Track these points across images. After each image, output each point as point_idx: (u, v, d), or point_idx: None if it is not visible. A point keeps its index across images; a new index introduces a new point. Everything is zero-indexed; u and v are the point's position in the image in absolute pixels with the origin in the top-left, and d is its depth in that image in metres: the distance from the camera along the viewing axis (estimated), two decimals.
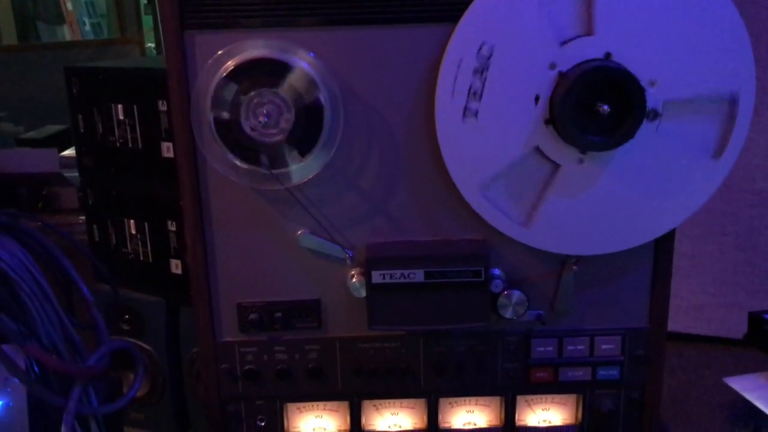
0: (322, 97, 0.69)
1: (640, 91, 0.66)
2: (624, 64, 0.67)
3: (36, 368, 0.69)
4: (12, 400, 0.70)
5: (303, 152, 0.71)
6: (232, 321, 0.79)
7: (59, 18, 3.15)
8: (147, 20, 2.98)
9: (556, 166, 0.72)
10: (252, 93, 0.68)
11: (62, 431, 0.66)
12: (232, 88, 0.69)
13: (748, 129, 0.70)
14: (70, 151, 1.55)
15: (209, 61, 0.69)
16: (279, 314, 0.78)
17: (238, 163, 0.71)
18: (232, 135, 0.69)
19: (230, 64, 0.68)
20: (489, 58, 0.69)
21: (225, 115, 0.69)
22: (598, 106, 0.67)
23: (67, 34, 3.14)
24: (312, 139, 0.71)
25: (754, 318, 0.88)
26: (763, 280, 1.41)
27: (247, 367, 0.80)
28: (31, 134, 2.18)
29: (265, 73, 0.69)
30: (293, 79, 0.69)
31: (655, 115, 0.69)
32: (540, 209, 0.73)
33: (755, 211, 1.43)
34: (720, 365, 1.48)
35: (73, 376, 0.69)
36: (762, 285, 1.42)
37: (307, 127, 0.70)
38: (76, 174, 1.16)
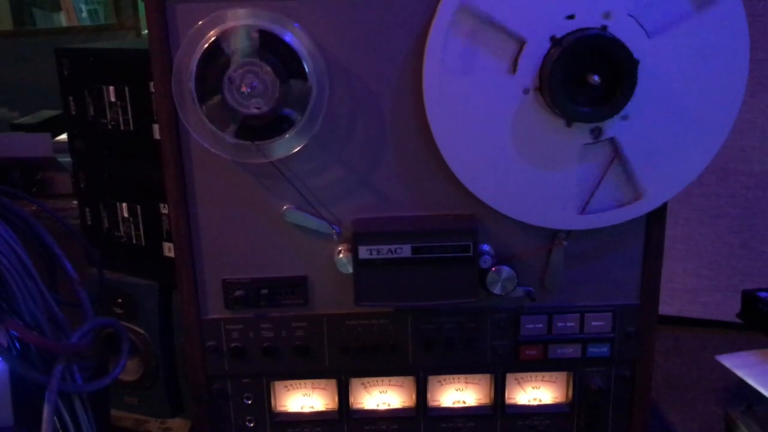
0: (308, 69, 0.68)
1: (632, 63, 0.65)
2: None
3: (18, 345, 0.68)
4: None
5: (286, 127, 0.70)
6: (218, 298, 0.78)
7: (55, 4, 3.13)
8: (143, 7, 2.96)
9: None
10: (242, 60, 0.67)
11: (45, 409, 0.65)
12: (215, 58, 0.67)
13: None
14: (64, 136, 1.54)
15: (191, 31, 0.68)
16: (265, 291, 0.77)
17: (220, 135, 0.69)
18: (214, 106, 0.68)
19: (212, 34, 0.67)
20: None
21: (207, 85, 0.67)
22: (589, 76, 0.66)
23: (63, 20, 3.11)
24: (289, 121, 0.69)
25: (748, 296, 0.88)
26: (759, 263, 1.41)
27: (233, 345, 0.79)
28: (26, 119, 2.17)
29: (259, 43, 0.67)
30: (277, 51, 0.67)
31: None
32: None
33: (751, 193, 1.42)
34: (715, 348, 1.47)
35: (55, 353, 0.68)
36: (758, 268, 1.41)
37: (292, 100, 0.69)
38: (70, 159, 1.15)
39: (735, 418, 0.83)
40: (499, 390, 0.81)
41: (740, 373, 0.83)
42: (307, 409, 0.83)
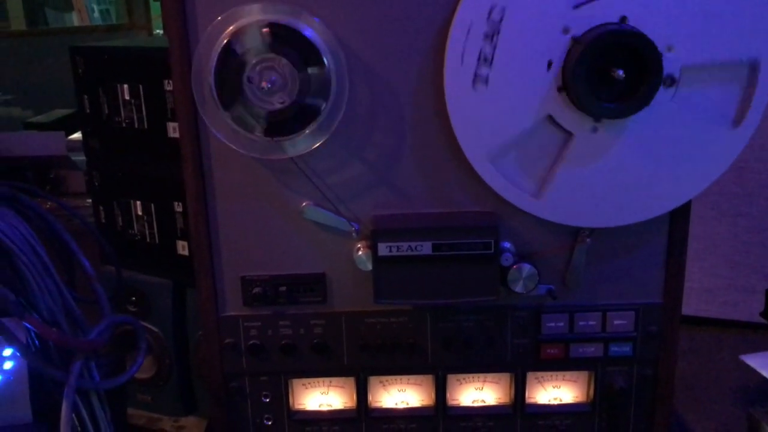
0: (328, 63, 0.67)
1: (656, 56, 0.64)
2: (640, 29, 0.65)
3: (36, 342, 0.68)
4: (13, 375, 0.69)
5: (304, 124, 0.69)
6: (236, 295, 0.77)
7: (68, 4, 3.14)
8: (155, 7, 2.96)
9: (569, 135, 0.70)
10: (256, 58, 0.66)
11: (63, 406, 0.65)
12: (236, 52, 0.67)
13: None
14: (77, 135, 1.55)
15: (212, 25, 0.67)
16: (283, 288, 0.77)
17: (239, 130, 0.69)
18: (233, 101, 0.67)
19: (233, 28, 0.67)
20: (500, 21, 0.66)
21: (227, 86, 0.67)
22: (612, 71, 0.65)
23: (75, 20, 3.13)
24: (314, 110, 0.69)
25: None
26: None
27: (251, 342, 0.78)
28: (39, 118, 2.18)
29: (271, 38, 0.67)
30: (300, 47, 0.67)
31: (671, 81, 0.67)
32: (552, 180, 0.71)
33: None
34: (732, 349, 1.46)
35: (73, 350, 0.68)
36: None
37: (311, 98, 0.68)
38: (83, 157, 1.15)
39: (759, 417, 0.81)
40: (519, 389, 0.80)
41: (765, 373, 0.81)
42: (325, 408, 0.82)
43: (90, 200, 1.15)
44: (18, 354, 0.68)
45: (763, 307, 0.88)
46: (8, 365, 0.69)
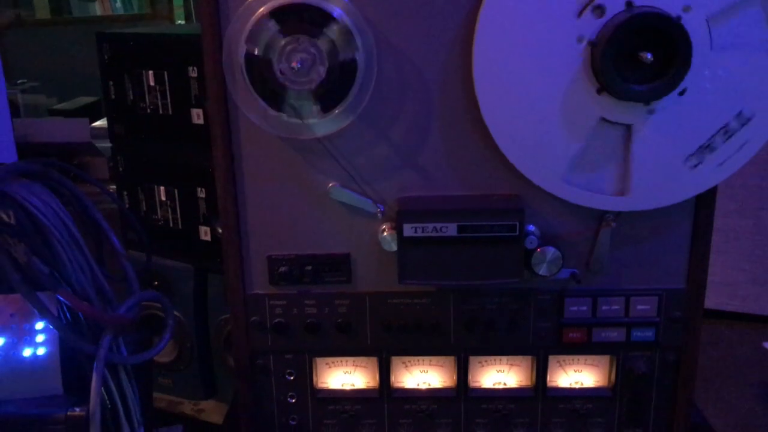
0: (358, 51, 0.68)
1: (672, 23, 0.64)
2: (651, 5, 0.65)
3: (68, 316, 0.70)
4: (45, 347, 0.70)
5: (327, 108, 0.69)
6: (263, 273, 0.79)
7: None
8: None
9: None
10: (289, 38, 0.67)
11: (93, 378, 0.66)
12: (269, 28, 0.67)
13: None
14: (101, 122, 1.57)
15: (243, 6, 0.68)
16: (309, 267, 0.78)
17: (267, 109, 0.70)
18: (262, 77, 0.68)
19: (267, 7, 0.67)
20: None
21: (257, 54, 0.68)
22: (641, 56, 0.65)
23: (98, 10, 3.16)
24: (340, 94, 0.69)
25: None
26: None
27: (276, 320, 0.79)
28: (64, 105, 2.21)
29: (304, 19, 0.67)
30: (331, 31, 0.67)
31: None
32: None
33: None
34: (754, 343, 1.45)
35: (103, 324, 0.69)
36: None
37: (339, 82, 0.69)
38: (107, 144, 1.16)
39: None
40: (540, 372, 0.81)
41: None
42: (348, 387, 0.83)
43: (113, 187, 1.17)
44: (51, 327, 0.70)
45: None
46: (41, 338, 0.70)
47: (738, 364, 1.45)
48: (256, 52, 0.68)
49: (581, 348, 0.80)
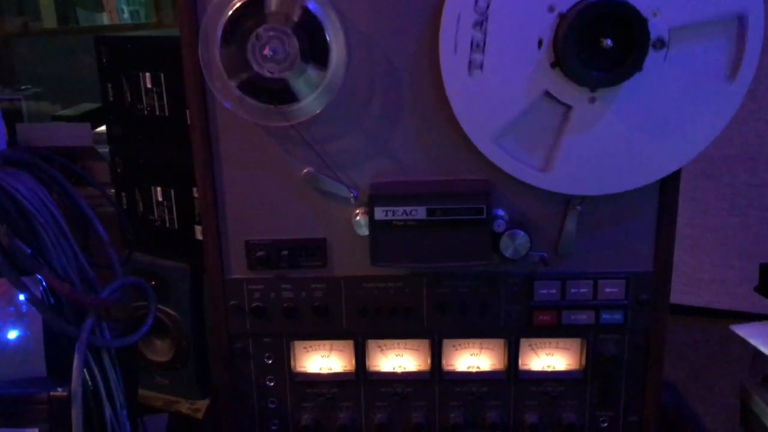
0: (329, 36, 0.70)
1: (640, 20, 0.66)
2: None
3: (51, 299, 0.72)
4: (29, 330, 0.72)
5: (320, 61, 0.70)
6: (241, 258, 0.81)
7: (98, 5, 3.22)
8: None
9: (568, 108, 0.72)
10: (257, 29, 0.69)
11: (75, 359, 0.68)
12: (243, 18, 0.70)
13: (761, 48, 0.68)
14: (103, 128, 1.59)
15: None
16: (285, 252, 0.80)
17: (244, 98, 0.72)
18: (238, 69, 0.71)
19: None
20: (487, 8, 0.69)
21: (232, 43, 0.70)
22: (601, 41, 0.67)
23: (105, 20, 3.20)
24: (321, 43, 0.70)
25: (766, 268, 0.87)
26: None
27: (254, 304, 0.82)
28: (66, 111, 2.23)
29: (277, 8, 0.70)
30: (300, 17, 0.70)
31: (661, 44, 0.68)
32: (558, 153, 0.73)
33: None
34: (744, 341, 1.45)
35: (85, 306, 0.71)
36: None
37: (311, 34, 0.70)
38: (109, 149, 1.18)
39: (749, 389, 0.82)
40: (512, 355, 0.83)
41: (754, 342, 0.83)
42: (325, 371, 0.85)
43: (113, 190, 1.19)
44: (35, 310, 0.72)
45: (758, 283, 0.89)
46: (25, 321, 0.72)
47: (730, 361, 1.45)
48: (230, 41, 0.70)
49: (551, 331, 0.81)
